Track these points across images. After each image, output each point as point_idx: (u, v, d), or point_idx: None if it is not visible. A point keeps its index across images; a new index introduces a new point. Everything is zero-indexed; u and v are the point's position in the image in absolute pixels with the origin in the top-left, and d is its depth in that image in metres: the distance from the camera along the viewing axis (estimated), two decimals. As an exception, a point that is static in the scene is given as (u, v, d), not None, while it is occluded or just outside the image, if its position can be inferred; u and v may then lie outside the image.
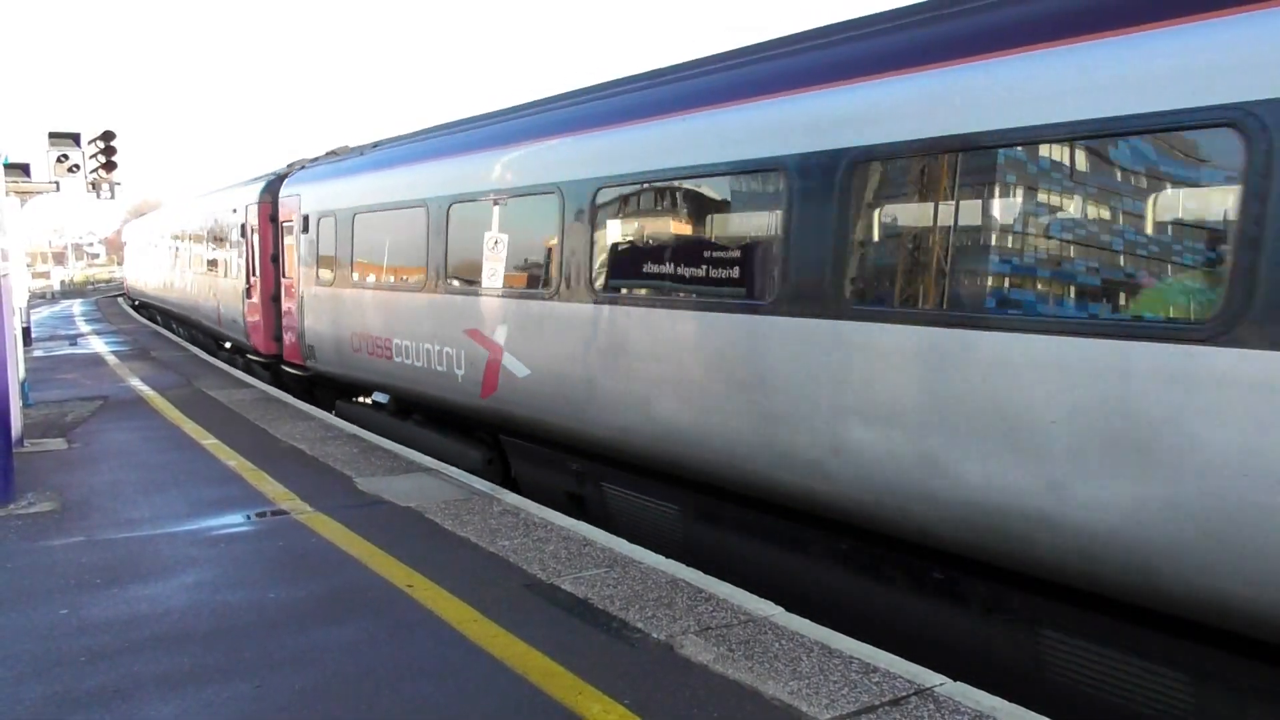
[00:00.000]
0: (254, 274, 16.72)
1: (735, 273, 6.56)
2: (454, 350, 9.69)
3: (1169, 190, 4.48)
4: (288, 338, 15.27)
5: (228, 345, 20.30)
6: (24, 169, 19.94)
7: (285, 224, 15.33)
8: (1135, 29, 4.46)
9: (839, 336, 5.61)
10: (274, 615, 5.45)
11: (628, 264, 7.71)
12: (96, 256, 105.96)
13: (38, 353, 21.26)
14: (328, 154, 15.92)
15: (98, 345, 23.68)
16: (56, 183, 20.31)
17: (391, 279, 11.35)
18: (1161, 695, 4.53)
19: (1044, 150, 4.84)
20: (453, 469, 9.22)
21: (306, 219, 14.08)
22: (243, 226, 17.46)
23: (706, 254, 6.80)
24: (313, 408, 13.06)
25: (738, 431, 6.33)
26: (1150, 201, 4.50)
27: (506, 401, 8.88)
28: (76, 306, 46.72)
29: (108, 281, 75.27)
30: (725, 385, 6.45)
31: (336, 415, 12.93)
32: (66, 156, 19.91)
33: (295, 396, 14.48)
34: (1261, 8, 4.07)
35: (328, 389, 14.50)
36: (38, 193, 21.25)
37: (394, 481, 8.63)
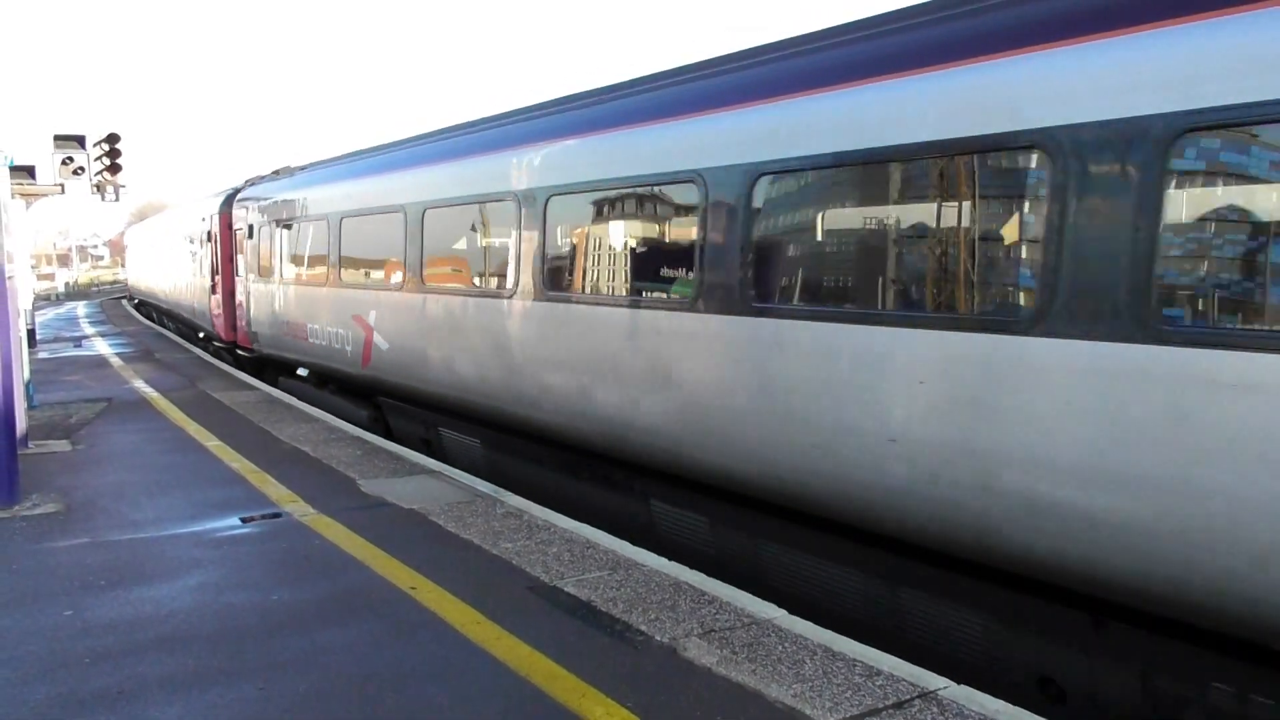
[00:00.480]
0: (217, 273, 19.91)
1: (494, 269, 9.44)
2: (345, 332, 12.56)
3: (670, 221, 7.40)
4: (240, 326, 18.24)
5: (201, 335, 23.59)
6: (29, 171, 19.97)
7: (238, 231, 18.37)
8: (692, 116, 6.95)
9: (539, 312, 8.41)
10: (278, 617, 5.46)
11: (435, 263, 10.56)
12: (101, 259, 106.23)
13: (42, 354, 21.32)
14: (273, 173, 18.65)
15: (102, 347, 23.73)
16: (62, 185, 20.34)
17: (307, 276, 14.37)
18: (700, 531, 7.26)
19: (583, 197, 7.96)
20: (456, 471, 9.24)
21: (251, 227, 17.28)
22: (208, 233, 20.71)
23: (479, 256, 9.94)
24: (316, 409, 13.10)
25: (498, 381, 9.08)
26: (659, 229, 7.60)
27: (377, 369, 11.75)
28: (81, 308, 46.83)
29: (112, 283, 75.45)
30: (492, 349, 9.14)
31: (280, 389, 15.68)
32: (72, 159, 19.95)
33: (250, 374, 17.52)
34: (740, 108, 6.50)
35: (271, 368, 17.25)
36: (43, 195, 21.29)
37: (397, 483, 8.64)
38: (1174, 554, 4.22)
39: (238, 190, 19.38)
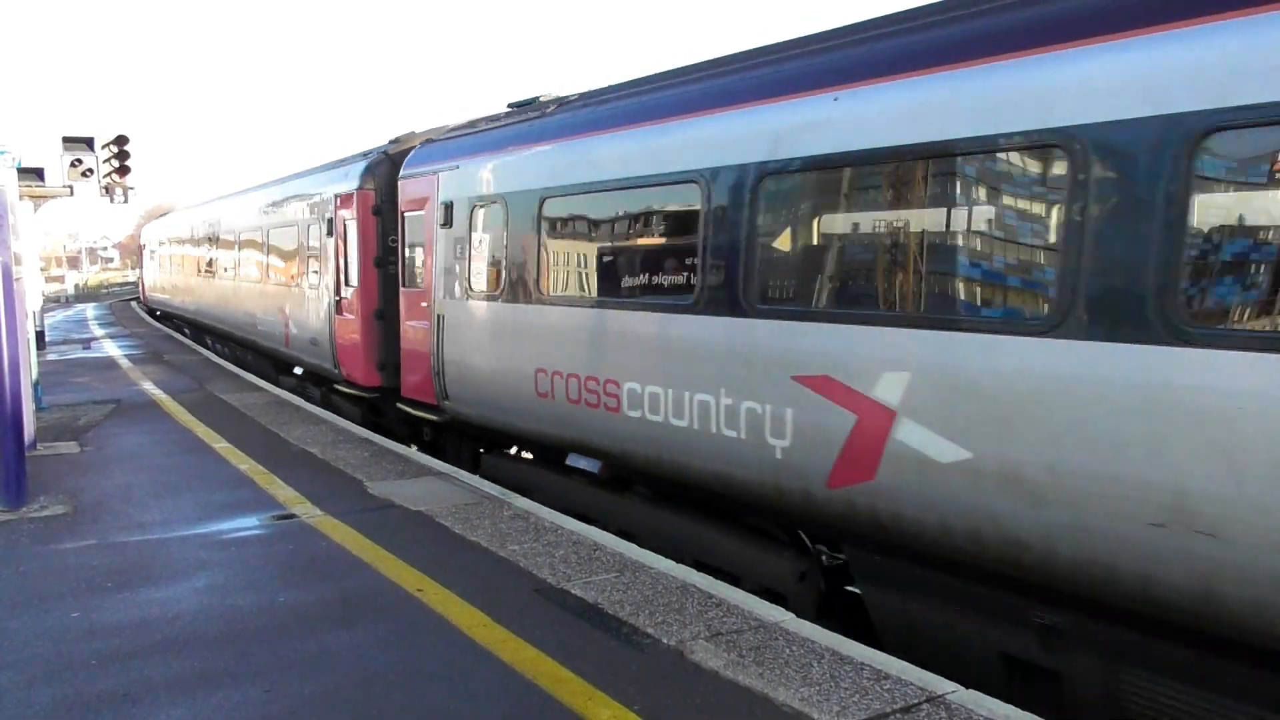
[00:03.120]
0: (143, 269, 41.17)
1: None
2: (179, 295, 28.76)
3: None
4: (147, 293, 37.90)
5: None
6: (38, 173, 20.08)
7: (144, 246, 38.27)
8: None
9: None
10: (284, 619, 5.46)
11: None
12: (110, 261, 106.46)
13: (51, 356, 21.36)
14: (160, 213, 35.73)
15: (111, 349, 23.79)
16: (70, 187, 20.43)
17: (169, 273, 30.71)
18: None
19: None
20: (464, 473, 9.24)
21: (145, 245, 37.44)
22: (140, 248, 41.55)
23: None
24: (325, 411, 13.15)
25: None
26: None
27: (161, 303, 33.91)
28: (90, 310, 46.93)
29: (121, 285, 75.59)
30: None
31: (158, 323, 32.65)
32: (80, 161, 20.03)
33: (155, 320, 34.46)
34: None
35: (152, 313, 36.34)
36: (51, 197, 21.38)
37: (404, 485, 8.64)
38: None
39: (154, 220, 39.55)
